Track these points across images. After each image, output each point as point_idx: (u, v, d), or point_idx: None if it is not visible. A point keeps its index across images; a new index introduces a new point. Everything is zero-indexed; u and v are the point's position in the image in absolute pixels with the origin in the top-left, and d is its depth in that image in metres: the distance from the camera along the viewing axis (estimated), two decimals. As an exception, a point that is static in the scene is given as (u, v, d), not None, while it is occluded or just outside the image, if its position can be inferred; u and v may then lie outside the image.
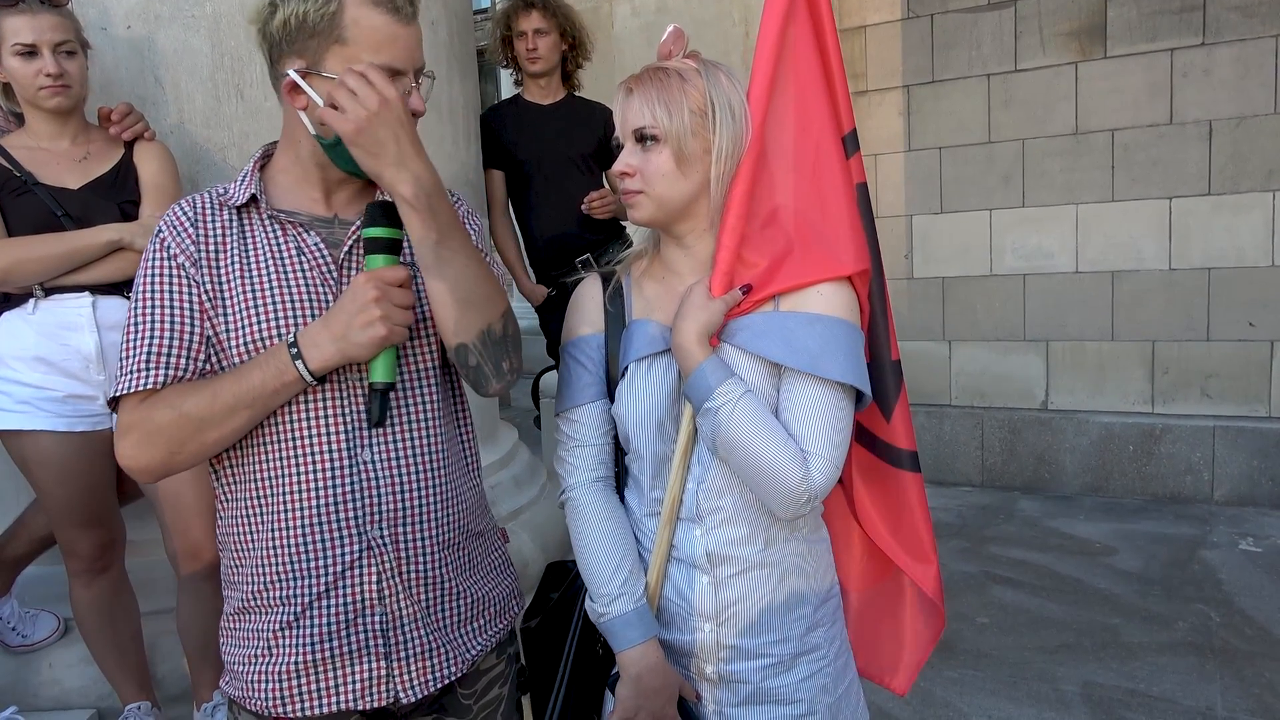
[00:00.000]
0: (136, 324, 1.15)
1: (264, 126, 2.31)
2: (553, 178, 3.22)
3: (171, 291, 1.15)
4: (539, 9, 3.20)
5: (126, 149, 2.05)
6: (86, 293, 1.94)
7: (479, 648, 1.29)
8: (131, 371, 1.13)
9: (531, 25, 3.19)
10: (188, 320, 1.15)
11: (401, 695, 1.21)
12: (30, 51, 1.88)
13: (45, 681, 2.20)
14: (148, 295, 1.16)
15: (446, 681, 1.24)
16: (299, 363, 1.10)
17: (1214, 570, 3.66)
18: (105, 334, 1.95)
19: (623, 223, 3.39)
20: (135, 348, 1.14)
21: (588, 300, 1.38)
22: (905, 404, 1.40)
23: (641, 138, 1.24)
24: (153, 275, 1.16)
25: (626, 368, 1.30)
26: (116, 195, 1.99)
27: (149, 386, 1.12)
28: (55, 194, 1.94)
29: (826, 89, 1.33)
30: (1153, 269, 4.65)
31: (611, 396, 1.33)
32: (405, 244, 1.18)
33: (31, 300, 1.93)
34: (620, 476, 1.37)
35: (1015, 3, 4.81)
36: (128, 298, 1.96)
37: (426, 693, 1.22)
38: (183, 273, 1.16)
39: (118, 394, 1.14)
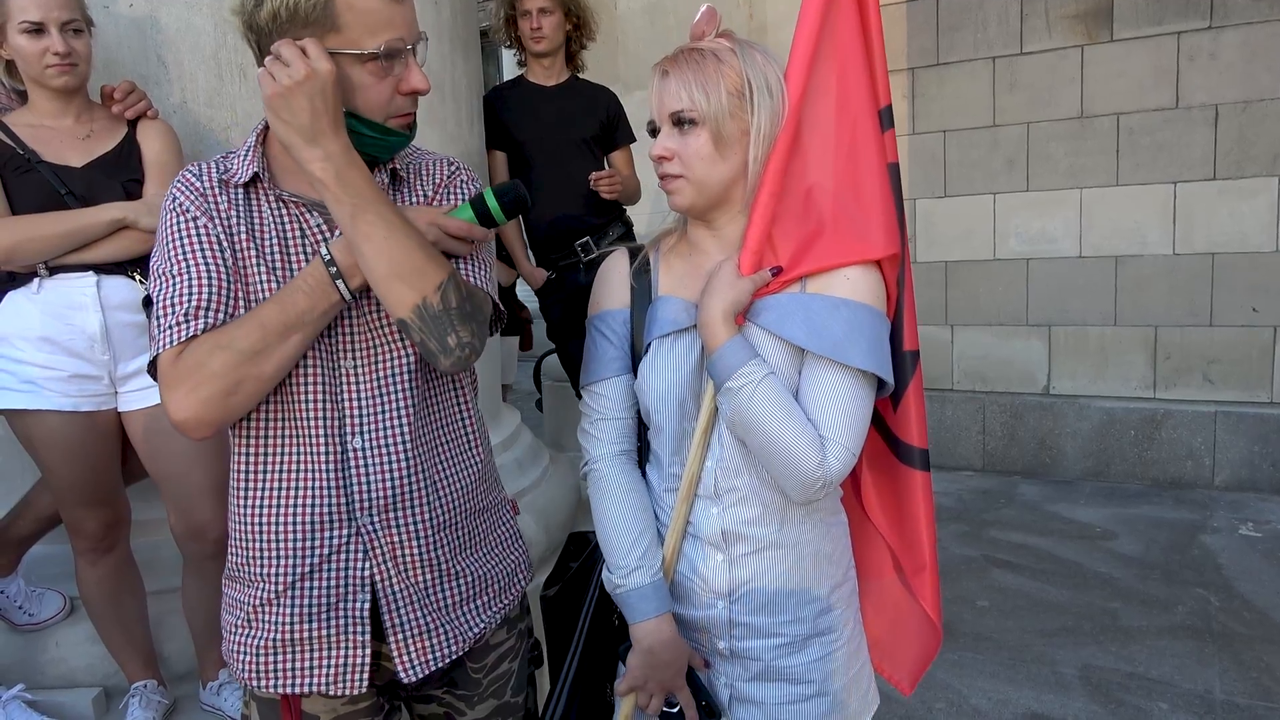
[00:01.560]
0: (172, 281, 1.12)
1: (267, 106, 2.30)
2: (554, 160, 3.20)
3: (202, 248, 1.14)
4: (544, -13, 3.18)
5: (129, 127, 2.04)
6: (91, 272, 1.93)
7: (482, 626, 1.29)
8: (171, 326, 1.10)
9: (536, 4, 3.16)
10: (223, 276, 1.13)
11: (401, 675, 1.21)
12: (37, 29, 1.87)
13: (52, 660, 2.21)
14: (178, 255, 1.13)
15: (448, 660, 1.25)
16: (339, 283, 1.10)
17: (1214, 555, 3.68)
18: (110, 314, 1.95)
19: (624, 206, 3.38)
20: (173, 304, 1.11)
21: (614, 274, 1.38)
22: (920, 399, 1.37)
23: (679, 121, 1.22)
24: (179, 235, 1.14)
25: (650, 344, 1.30)
26: (120, 173, 1.98)
27: (191, 335, 1.09)
28: (59, 172, 1.93)
29: (867, 62, 1.31)
30: (1156, 254, 4.64)
31: (636, 371, 1.33)
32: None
33: (36, 280, 1.92)
34: (642, 451, 1.38)
35: (1022, -15, 4.79)
36: (132, 277, 1.97)
37: (427, 672, 1.23)
38: (208, 231, 1.15)
39: (156, 353, 1.11)
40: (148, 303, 1.92)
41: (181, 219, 1.15)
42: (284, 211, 1.19)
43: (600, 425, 1.36)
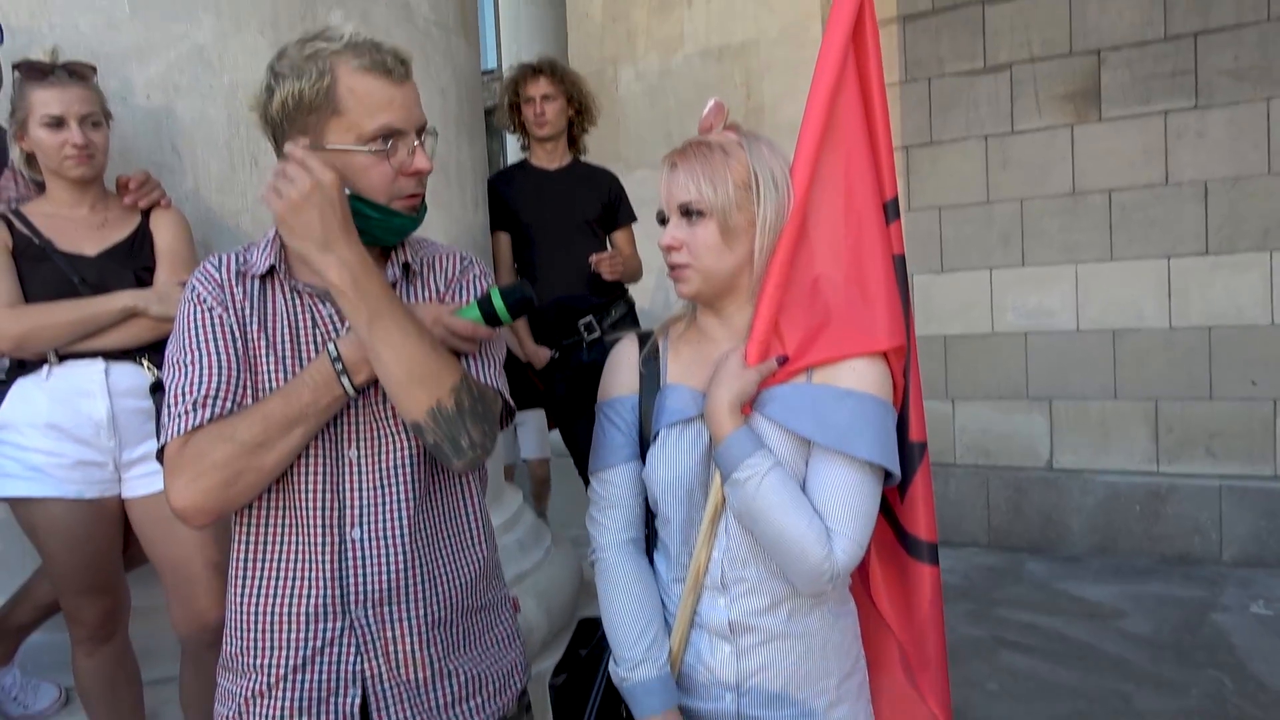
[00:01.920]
0: (184, 370, 1.15)
1: (278, 193, 2.35)
2: (558, 241, 3.26)
3: (215, 339, 1.16)
4: (546, 75, 3.28)
5: (143, 216, 2.07)
6: (100, 359, 1.94)
7: None
8: (179, 415, 1.12)
9: (539, 91, 3.25)
10: (233, 366, 1.16)
11: None
12: (57, 123, 1.92)
13: (44, 752, 2.16)
14: (192, 345, 1.16)
15: None
16: (344, 378, 1.12)
17: (1226, 634, 3.62)
18: (117, 400, 1.95)
19: (626, 285, 3.42)
20: (184, 392, 1.14)
21: (623, 361, 1.39)
22: (928, 491, 1.37)
23: (687, 212, 1.25)
24: (195, 326, 1.17)
25: (658, 432, 1.31)
26: (133, 262, 2.01)
27: (197, 425, 1.11)
28: (73, 261, 1.95)
29: (872, 155, 1.33)
30: (1153, 327, 4.67)
31: (644, 458, 1.33)
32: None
33: (45, 367, 1.93)
34: (651, 538, 1.37)
35: (1010, 67, 4.92)
36: (141, 363, 1.98)
37: None
38: (222, 322, 1.18)
39: (165, 441, 1.13)
40: (155, 388, 1.93)
41: (198, 309, 1.19)
42: (297, 302, 1.21)
43: (608, 513, 1.36)
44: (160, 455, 1.15)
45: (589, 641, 1.46)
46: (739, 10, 5.21)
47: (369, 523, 1.18)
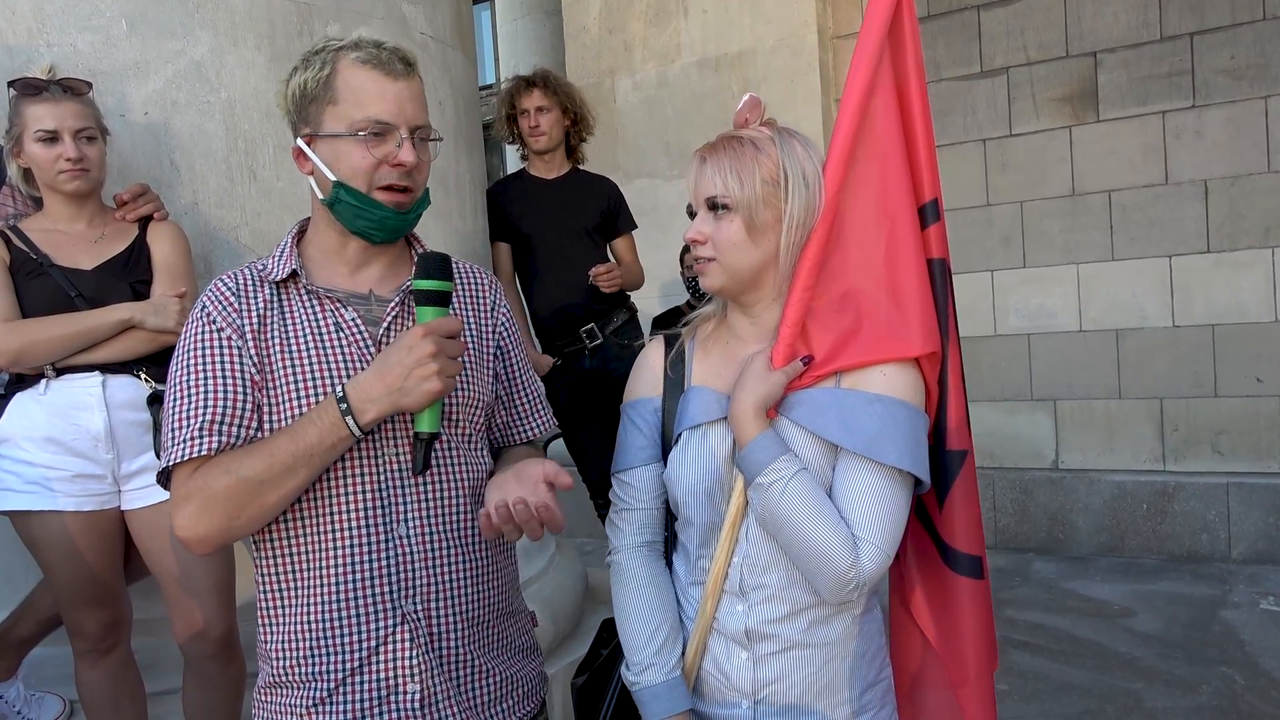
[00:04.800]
0: (188, 393, 1.15)
1: (275, 205, 2.36)
2: (557, 250, 3.27)
3: (222, 361, 1.17)
4: (540, 87, 3.29)
5: (140, 229, 2.09)
6: (97, 372, 1.95)
7: None
8: (185, 440, 1.13)
9: (534, 103, 3.27)
10: (239, 389, 1.16)
11: None
12: (51, 137, 1.93)
13: (49, 766, 2.16)
14: (198, 366, 1.16)
15: None
16: (349, 419, 1.11)
17: (1236, 631, 3.59)
18: (115, 413, 1.96)
19: (628, 293, 3.43)
20: (188, 417, 1.14)
21: (650, 362, 1.38)
22: (969, 501, 1.32)
23: (713, 206, 1.24)
24: (201, 347, 1.17)
25: (680, 434, 1.29)
26: (129, 275, 2.01)
27: (204, 453, 1.12)
28: (70, 275, 1.96)
29: (908, 155, 1.30)
30: (1156, 326, 4.66)
31: (666, 461, 1.32)
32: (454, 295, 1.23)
33: (43, 381, 1.93)
34: (671, 541, 1.36)
35: (1007, 70, 4.93)
36: (138, 376, 1.98)
37: None
38: (230, 344, 1.18)
39: (170, 464, 1.14)
40: (153, 400, 1.94)
41: (206, 330, 1.18)
42: (318, 307, 1.22)
43: (625, 515, 1.34)
44: (164, 477, 1.16)
45: (610, 642, 1.44)
46: (735, 20, 5.24)
47: (415, 519, 1.19)
